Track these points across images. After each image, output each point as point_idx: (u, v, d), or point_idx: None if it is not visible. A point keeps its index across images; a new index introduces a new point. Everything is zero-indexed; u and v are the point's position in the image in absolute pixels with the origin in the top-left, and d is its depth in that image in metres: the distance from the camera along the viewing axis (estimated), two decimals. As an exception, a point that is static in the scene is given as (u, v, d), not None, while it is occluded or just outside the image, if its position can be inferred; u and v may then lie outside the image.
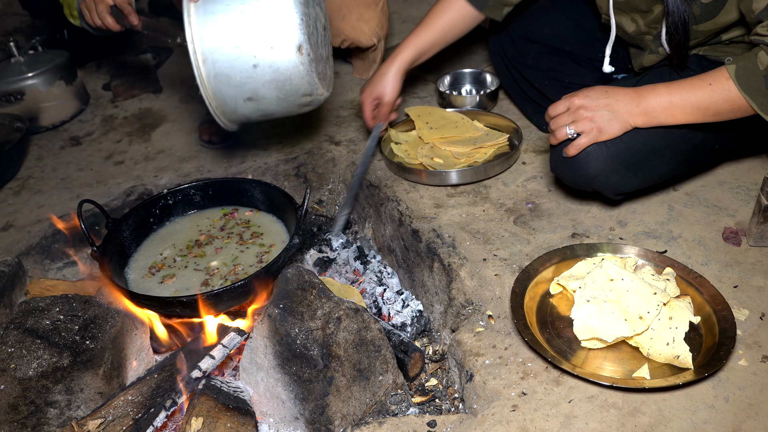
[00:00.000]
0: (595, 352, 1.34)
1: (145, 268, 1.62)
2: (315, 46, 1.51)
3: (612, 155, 1.50)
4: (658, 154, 1.53)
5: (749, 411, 1.20)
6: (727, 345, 1.27)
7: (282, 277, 1.49)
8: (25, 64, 2.54)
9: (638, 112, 1.47)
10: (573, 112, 1.51)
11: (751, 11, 1.36)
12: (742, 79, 1.34)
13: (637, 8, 1.63)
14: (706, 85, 1.38)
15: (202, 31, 1.45)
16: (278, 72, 1.47)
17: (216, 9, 1.45)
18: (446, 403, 1.49)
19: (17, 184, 2.22)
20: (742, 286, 1.46)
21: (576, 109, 1.50)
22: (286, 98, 1.54)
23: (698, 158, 1.64)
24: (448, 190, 1.89)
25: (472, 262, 1.61)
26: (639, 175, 1.57)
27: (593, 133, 1.49)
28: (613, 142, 1.50)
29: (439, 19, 1.88)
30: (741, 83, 1.34)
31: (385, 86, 1.88)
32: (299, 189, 2.11)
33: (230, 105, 1.55)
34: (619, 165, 1.52)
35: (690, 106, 1.41)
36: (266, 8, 1.43)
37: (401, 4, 3.27)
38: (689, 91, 1.41)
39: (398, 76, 1.88)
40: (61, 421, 1.37)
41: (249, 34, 1.44)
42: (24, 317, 1.46)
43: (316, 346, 1.37)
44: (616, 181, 1.56)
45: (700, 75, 1.41)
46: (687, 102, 1.41)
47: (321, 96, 1.56)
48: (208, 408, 1.36)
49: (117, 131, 2.48)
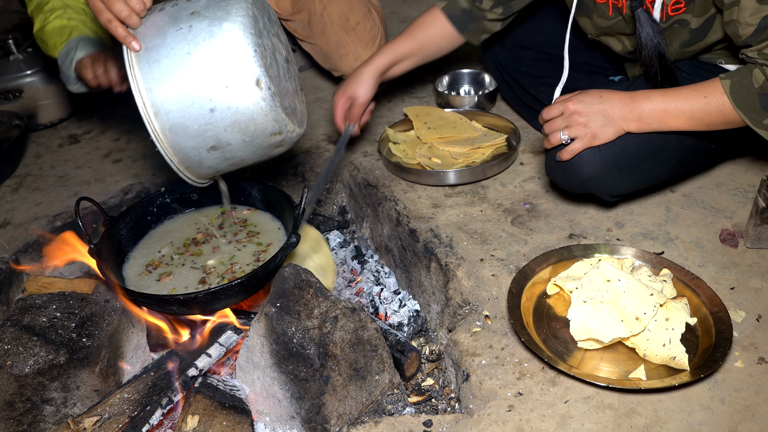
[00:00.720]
0: (592, 353, 1.34)
1: (142, 266, 1.62)
2: (276, 79, 1.35)
3: (606, 158, 1.51)
4: (652, 156, 1.53)
5: (745, 413, 1.20)
6: (724, 346, 1.27)
7: (279, 275, 1.49)
8: (23, 61, 2.54)
9: (632, 118, 1.47)
10: (567, 117, 1.51)
11: (737, 36, 1.38)
12: (737, 95, 1.36)
13: (622, 31, 1.65)
14: (701, 96, 1.40)
15: (149, 82, 1.28)
16: (238, 113, 1.30)
17: (160, 55, 1.28)
18: (442, 402, 1.49)
19: (15, 181, 2.22)
20: (738, 287, 1.46)
21: (570, 114, 1.50)
22: (253, 141, 1.36)
23: (693, 159, 1.64)
24: (445, 190, 1.89)
25: (470, 262, 1.61)
26: (633, 177, 1.57)
27: (587, 138, 1.49)
28: (606, 146, 1.50)
29: (419, 30, 1.88)
30: (735, 99, 1.36)
31: (358, 87, 1.86)
32: (297, 188, 2.11)
33: (194, 158, 1.37)
34: (613, 168, 1.52)
35: (684, 115, 1.43)
36: (215, 46, 1.27)
37: (400, 4, 3.27)
38: (684, 101, 1.42)
39: (372, 78, 1.86)
40: (57, 418, 1.37)
41: (200, 77, 1.28)
42: (21, 314, 1.46)
43: (312, 345, 1.37)
44: (611, 183, 1.56)
45: (695, 85, 1.42)
46: (681, 111, 1.42)
47: (293, 133, 1.40)
48: (204, 406, 1.36)
49: (115, 129, 2.47)
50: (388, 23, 3.03)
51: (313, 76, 2.64)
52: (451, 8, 1.83)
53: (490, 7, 1.78)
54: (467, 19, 1.83)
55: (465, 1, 1.82)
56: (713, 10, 1.47)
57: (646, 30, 1.50)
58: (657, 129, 1.47)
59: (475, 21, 1.83)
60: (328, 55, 2.33)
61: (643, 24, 1.50)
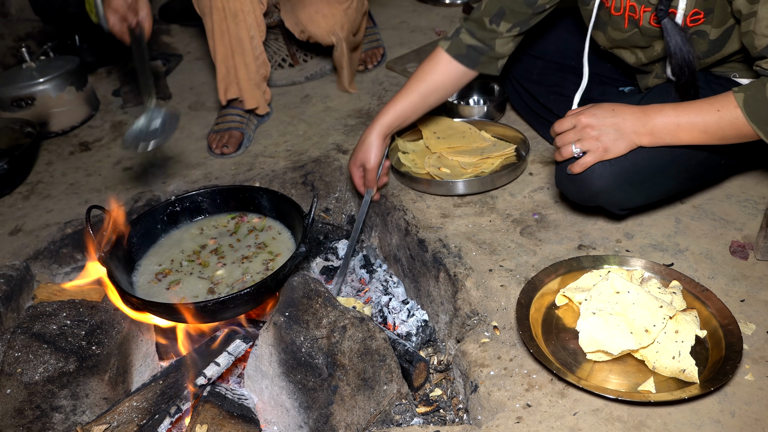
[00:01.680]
0: (601, 365, 1.33)
1: (152, 274, 1.63)
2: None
3: (616, 172, 1.50)
4: (663, 171, 1.53)
5: (755, 426, 1.19)
6: (734, 359, 1.26)
7: (288, 285, 1.50)
8: (36, 69, 2.56)
9: (645, 132, 1.46)
10: (579, 131, 1.50)
11: (753, 47, 1.38)
12: (750, 108, 1.35)
13: (636, 44, 1.64)
14: (714, 110, 1.39)
15: None
16: None
17: None
18: (450, 413, 1.48)
19: (27, 188, 2.24)
20: (749, 300, 1.45)
21: (583, 128, 1.50)
22: None
23: (704, 173, 1.63)
24: (454, 200, 1.89)
25: (478, 273, 1.61)
26: (644, 191, 1.57)
27: (599, 152, 1.49)
28: (617, 160, 1.49)
29: (422, 83, 1.84)
30: (749, 112, 1.35)
31: (366, 153, 1.85)
32: (306, 197, 2.12)
33: None
34: (624, 182, 1.51)
35: (697, 129, 1.42)
36: None
37: (410, 14, 3.28)
38: (697, 115, 1.41)
39: (379, 141, 1.85)
40: (66, 426, 1.37)
41: None
42: (31, 322, 1.46)
43: (321, 355, 1.38)
44: (621, 197, 1.56)
45: (707, 99, 1.41)
46: (694, 125, 1.41)
47: None
48: (213, 415, 1.36)
49: (126, 137, 2.49)
50: (397, 33, 3.05)
51: (323, 86, 2.65)
52: (455, 48, 1.80)
53: (507, 29, 1.74)
54: (475, 54, 1.79)
55: (469, 37, 1.78)
56: (732, 20, 1.47)
57: (675, 39, 1.48)
58: (669, 143, 1.46)
59: (484, 53, 1.79)
60: (294, 7, 2.30)
61: (671, 33, 1.48)
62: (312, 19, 2.27)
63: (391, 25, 3.11)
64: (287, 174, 2.13)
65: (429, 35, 3.00)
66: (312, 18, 2.27)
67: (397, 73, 2.67)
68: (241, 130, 2.31)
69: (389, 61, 2.74)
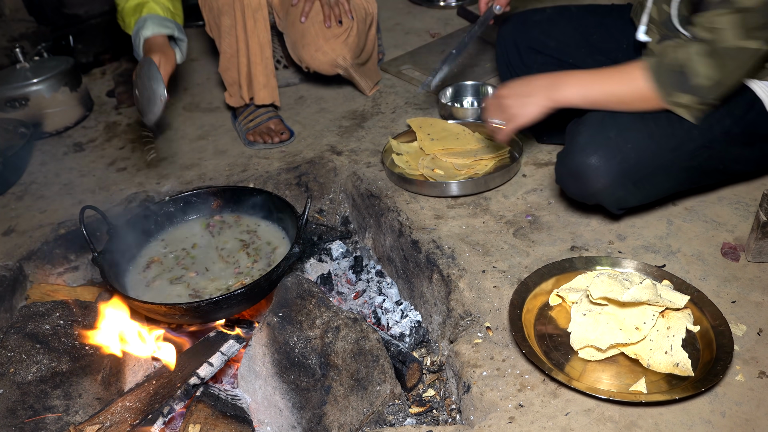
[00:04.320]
0: (593, 365, 1.34)
1: (145, 274, 1.63)
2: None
3: (620, 170, 1.51)
4: (665, 170, 1.54)
5: (746, 427, 1.20)
6: (725, 360, 1.27)
7: (282, 285, 1.50)
8: (30, 69, 2.56)
9: (554, 99, 1.56)
10: (498, 104, 1.63)
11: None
12: (657, 73, 1.43)
13: None
14: (623, 79, 1.49)
15: None
16: None
17: None
18: (443, 414, 1.49)
19: (20, 189, 2.23)
20: (740, 301, 1.46)
21: (499, 101, 1.62)
22: None
23: (702, 177, 1.64)
24: (448, 201, 1.90)
25: (471, 274, 1.61)
26: (643, 190, 1.58)
27: (514, 119, 1.60)
28: (623, 156, 1.50)
29: None
30: (656, 78, 1.43)
31: None
32: (300, 198, 2.12)
33: None
34: (626, 180, 1.52)
35: (603, 98, 1.52)
36: None
37: (405, 16, 3.28)
38: (604, 85, 1.51)
39: None
40: (59, 426, 1.37)
41: None
42: (24, 322, 1.46)
43: (314, 355, 1.38)
44: (621, 195, 1.57)
45: (619, 67, 1.50)
46: (601, 94, 1.52)
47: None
48: (206, 415, 1.36)
49: (120, 138, 2.49)
50: (392, 35, 3.05)
51: (317, 88, 2.65)
52: None
53: None
54: None
55: None
56: None
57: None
58: (580, 107, 1.56)
59: None
60: (294, 44, 2.33)
61: None
62: (313, 58, 2.28)
63: (385, 27, 3.11)
64: (281, 175, 2.13)
65: (423, 37, 3.00)
66: (313, 56, 2.28)
67: (391, 74, 2.67)
68: (279, 116, 2.37)
69: (384, 63, 2.75)
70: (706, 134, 1.51)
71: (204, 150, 2.32)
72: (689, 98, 1.43)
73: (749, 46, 1.33)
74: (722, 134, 1.52)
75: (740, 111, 1.52)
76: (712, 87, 1.40)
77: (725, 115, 1.51)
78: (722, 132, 1.52)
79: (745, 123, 1.53)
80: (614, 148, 1.51)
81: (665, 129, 1.52)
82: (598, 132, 1.54)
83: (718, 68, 1.36)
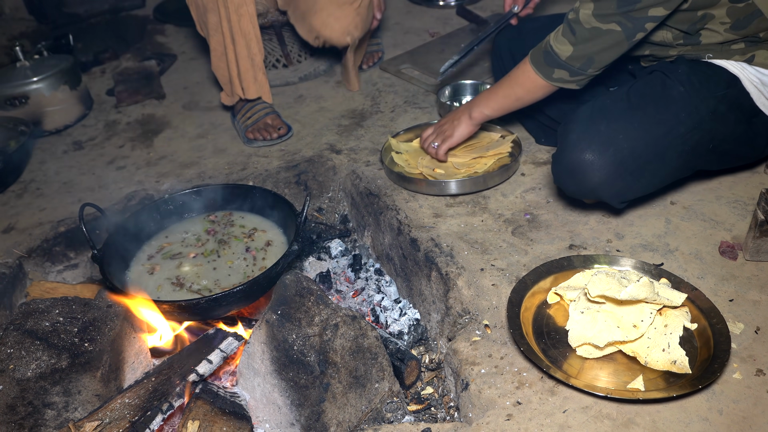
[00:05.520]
0: (591, 363, 1.35)
1: (144, 272, 1.63)
2: None
3: (615, 162, 1.52)
4: (659, 157, 1.55)
5: (743, 424, 1.21)
6: (722, 358, 1.28)
7: (280, 283, 1.50)
8: (30, 68, 2.56)
9: (473, 116, 1.86)
10: (436, 131, 1.95)
11: None
12: (535, 59, 1.65)
13: None
14: (516, 82, 1.72)
15: None
16: None
17: None
18: (441, 411, 1.49)
19: (20, 187, 2.24)
20: (737, 299, 1.47)
21: (438, 129, 1.95)
22: None
23: (697, 161, 1.64)
24: (447, 199, 1.90)
25: (470, 272, 1.62)
26: (642, 180, 1.58)
27: (449, 138, 1.91)
28: (616, 147, 1.51)
29: None
30: (534, 63, 1.65)
31: None
32: (299, 196, 2.12)
33: None
34: (623, 170, 1.53)
35: (508, 104, 1.79)
36: None
37: (404, 16, 3.29)
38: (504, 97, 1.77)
39: None
40: (58, 422, 1.37)
41: None
42: (24, 319, 1.46)
43: (313, 353, 1.38)
44: (620, 187, 1.57)
45: (510, 73, 1.75)
46: (504, 102, 1.79)
47: None
48: (205, 412, 1.36)
49: (120, 136, 2.49)
50: (391, 34, 3.06)
51: (317, 86, 2.66)
52: None
53: None
54: None
55: None
56: None
57: None
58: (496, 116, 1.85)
59: None
60: (305, 14, 2.31)
61: None
62: (325, 24, 2.26)
63: (384, 27, 3.11)
64: (280, 173, 2.14)
65: (423, 36, 3.01)
66: (325, 22, 2.27)
67: (390, 74, 2.68)
68: (276, 112, 2.37)
69: (383, 63, 2.75)
70: (694, 116, 1.54)
71: (203, 148, 2.33)
72: (564, 73, 1.61)
73: (604, 28, 1.51)
74: (709, 114, 1.55)
75: (722, 90, 1.56)
76: (576, 59, 1.57)
77: (708, 96, 1.55)
78: (709, 112, 1.55)
79: (729, 100, 1.56)
80: (606, 140, 1.53)
81: (653, 116, 1.54)
82: (589, 127, 1.55)
83: (577, 45, 1.55)
